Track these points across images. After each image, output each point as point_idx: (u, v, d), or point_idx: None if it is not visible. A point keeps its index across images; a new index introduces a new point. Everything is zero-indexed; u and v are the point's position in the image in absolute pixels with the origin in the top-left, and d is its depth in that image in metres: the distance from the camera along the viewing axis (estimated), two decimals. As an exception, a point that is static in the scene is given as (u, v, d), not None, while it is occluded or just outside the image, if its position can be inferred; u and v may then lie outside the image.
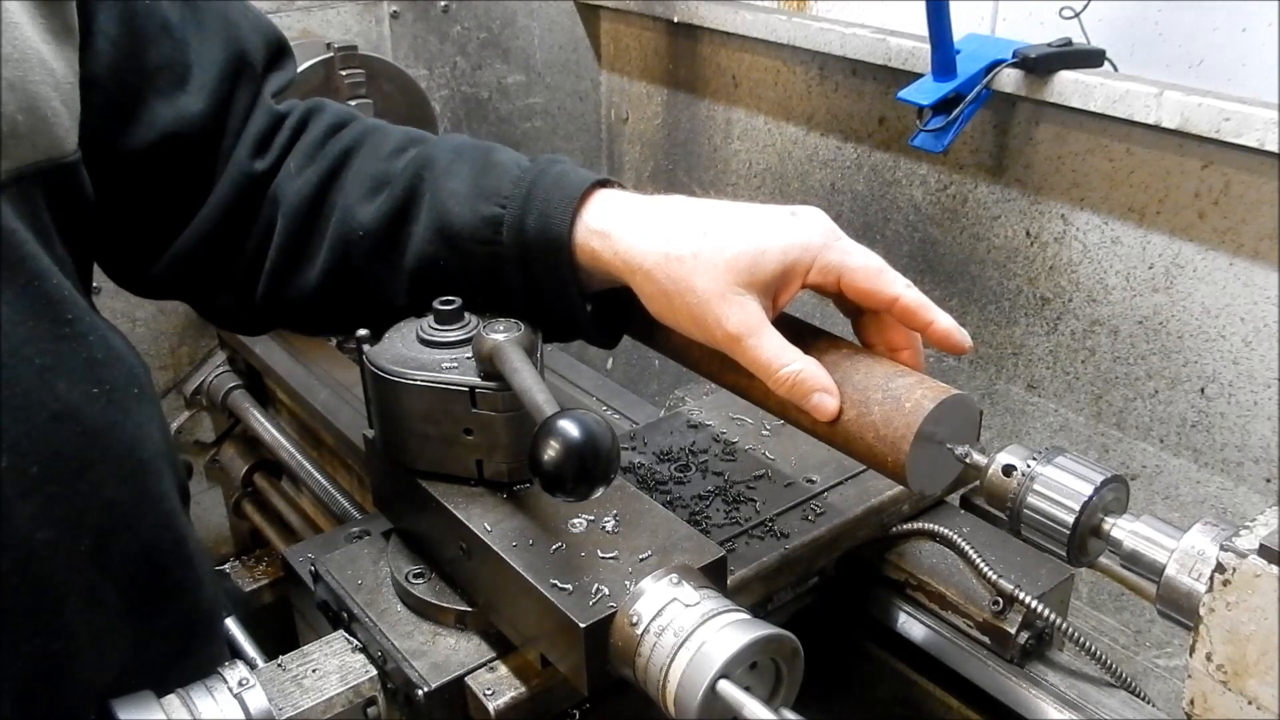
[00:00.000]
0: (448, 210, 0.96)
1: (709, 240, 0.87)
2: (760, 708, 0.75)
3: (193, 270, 1.02)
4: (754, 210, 0.90)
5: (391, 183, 0.99)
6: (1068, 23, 1.81)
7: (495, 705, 0.90)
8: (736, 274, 0.86)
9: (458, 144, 1.02)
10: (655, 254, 0.88)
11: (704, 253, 0.86)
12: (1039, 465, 0.87)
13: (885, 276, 0.88)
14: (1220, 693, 0.73)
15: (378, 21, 1.97)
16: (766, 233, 0.87)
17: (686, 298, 0.87)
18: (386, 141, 1.03)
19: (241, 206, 1.00)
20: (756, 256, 0.86)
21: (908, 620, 1.11)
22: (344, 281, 1.02)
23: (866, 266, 0.88)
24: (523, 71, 2.21)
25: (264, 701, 0.87)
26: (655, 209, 0.92)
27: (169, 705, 0.84)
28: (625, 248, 0.89)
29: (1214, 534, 0.78)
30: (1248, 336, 1.43)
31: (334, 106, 1.08)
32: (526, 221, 0.93)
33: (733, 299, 0.86)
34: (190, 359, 1.94)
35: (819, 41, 1.82)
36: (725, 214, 0.90)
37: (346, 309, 1.05)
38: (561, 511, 0.94)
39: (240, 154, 0.99)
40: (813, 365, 0.87)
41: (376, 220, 0.99)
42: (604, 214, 0.92)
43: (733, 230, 0.87)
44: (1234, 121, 1.35)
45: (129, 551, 0.86)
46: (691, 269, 0.86)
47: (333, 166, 1.01)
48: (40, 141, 0.80)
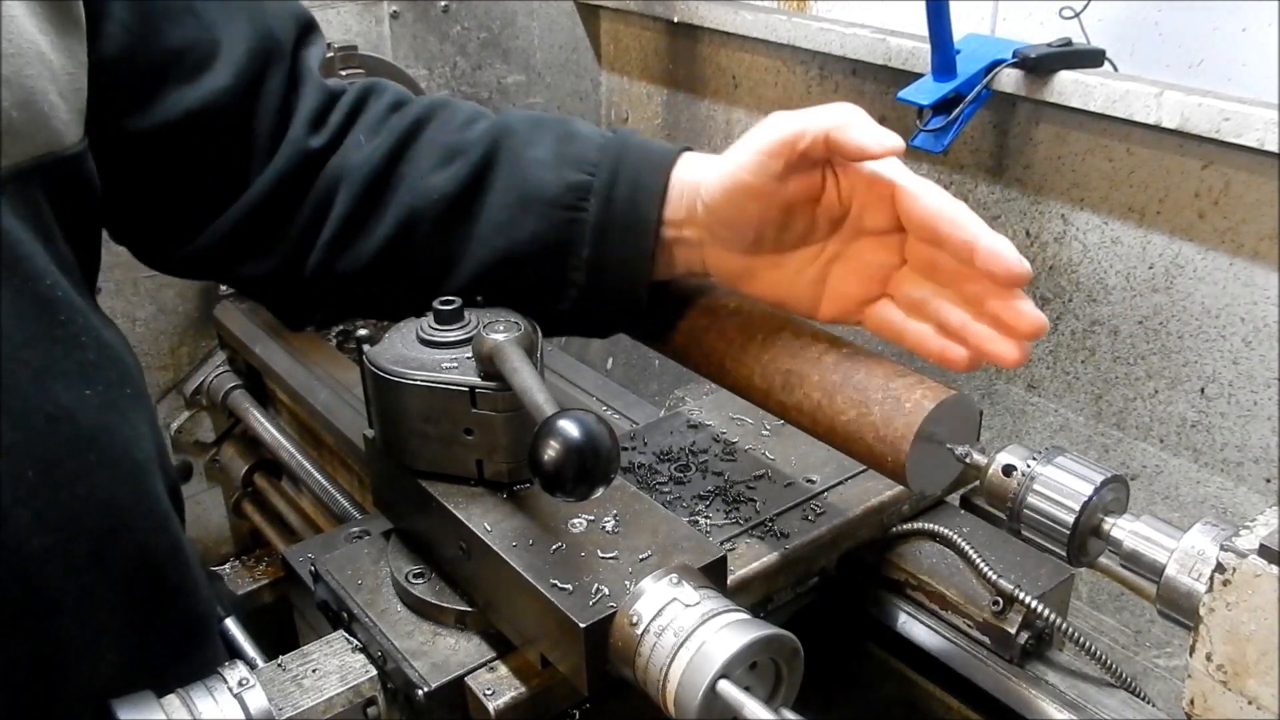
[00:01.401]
0: (531, 176, 0.95)
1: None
2: (760, 708, 0.75)
3: (236, 246, 1.01)
4: None
5: (467, 151, 0.98)
6: (1068, 23, 1.81)
7: (495, 705, 0.90)
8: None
9: (534, 115, 1.02)
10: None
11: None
12: (1039, 465, 0.87)
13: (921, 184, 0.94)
14: (1220, 693, 0.73)
15: (378, 21, 1.97)
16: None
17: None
18: (458, 114, 1.03)
19: (295, 182, 0.99)
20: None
21: (908, 620, 1.11)
22: (403, 255, 1.00)
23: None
24: (523, 71, 2.21)
25: (264, 701, 0.87)
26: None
27: (169, 705, 0.84)
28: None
29: (1214, 534, 0.78)
30: (1248, 336, 1.43)
31: (394, 86, 1.07)
32: (616, 190, 0.94)
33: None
34: (190, 359, 1.94)
35: (819, 41, 1.82)
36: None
37: (398, 287, 1.03)
38: (561, 511, 0.94)
39: (296, 131, 0.98)
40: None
41: (451, 186, 0.97)
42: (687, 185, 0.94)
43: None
44: (1234, 121, 1.35)
45: (125, 555, 0.86)
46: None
47: (402, 138, 1.00)
48: (38, 136, 0.80)
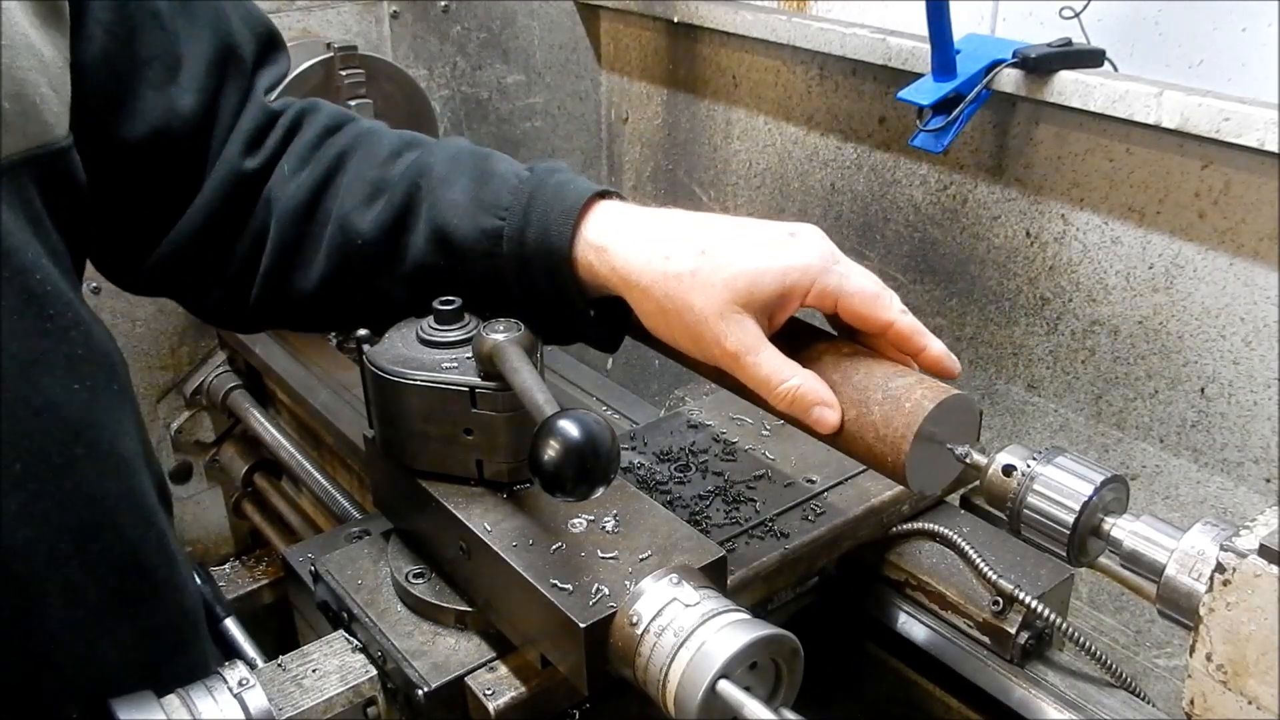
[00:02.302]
0: (447, 222, 0.96)
1: (707, 259, 0.87)
2: (760, 708, 0.75)
3: (183, 267, 1.01)
4: (753, 228, 0.90)
5: (389, 190, 0.99)
6: (1068, 23, 1.80)
7: (495, 705, 0.90)
8: (734, 294, 0.86)
9: (455, 151, 1.01)
10: (653, 271, 0.88)
11: (702, 272, 0.86)
12: (1039, 465, 0.87)
13: (881, 301, 0.89)
14: (1220, 693, 0.73)
15: (378, 21, 1.96)
16: (765, 254, 0.87)
17: (684, 316, 0.87)
18: (382, 146, 1.02)
19: (232, 204, 1.00)
20: (755, 277, 0.86)
21: (908, 620, 1.11)
22: (344, 285, 1.02)
23: (863, 291, 0.89)
24: (523, 71, 2.21)
25: (264, 701, 0.87)
26: (654, 223, 0.92)
27: (169, 705, 0.84)
28: (623, 263, 0.90)
29: (1214, 534, 0.78)
30: (1248, 336, 1.43)
31: (329, 107, 1.08)
32: (526, 234, 0.93)
33: (731, 318, 0.86)
34: (190, 359, 1.94)
35: (819, 41, 1.82)
36: (724, 232, 0.90)
37: (345, 310, 1.05)
38: (561, 511, 0.94)
39: (231, 151, 0.99)
40: (811, 379, 0.87)
41: (375, 229, 0.99)
42: (603, 228, 0.92)
43: (731, 250, 0.87)
44: (1234, 121, 1.34)
45: (112, 549, 0.86)
46: (689, 288, 0.87)
47: (328, 171, 1.01)
48: (30, 129, 0.80)
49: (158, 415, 1.95)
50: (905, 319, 0.89)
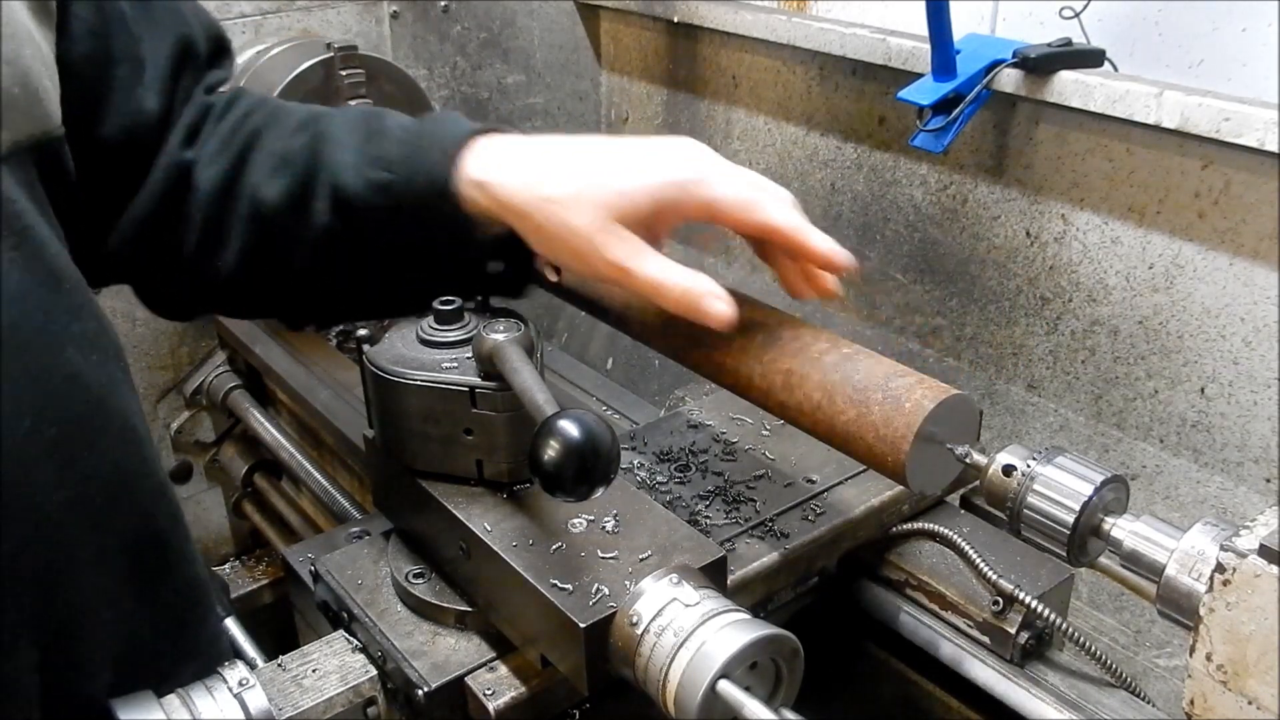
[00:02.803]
0: (343, 183, 0.98)
1: (584, 180, 0.91)
2: (760, 708, 0.75)
3: (131, 258, 1.03)
4: (627, 147, 0.94)
5: (292, 160, 1.00)
6: (1068, 23, 1.80)
7: (495, 705, 0.90)
8: (612, 211, 0.90)
9: (351, 115, 1.03)
10: (533, 197, 0.91)
11: (581, 193, 0.90)
12: (1039, 465, 0.87)
13: (756, 206, 0.91)
14: (1220, 693, 0.73)
15: (378, 21, 1.96)
16: (639, 172, 0.91)
17: (567, 237, 0.91)
18: (290, 119, 1.04)
19: (171, 195, 1.01)
20: (630, 194, 0.90)
21: (908, 620, 1.11)
22: (260, 260, 1.02)
23: (736, 198, 0.92)
24: (523, 71, 2.21)
25: (264, 701, 0.87)
26: (531, 152, 0.95)
27: (169, 705, 0.84)
28: (504, 194, 0.93)
29: (1214, 534, 0.78)
30: (1248, 336, 1.43)
31: (253, 93, 1.09)
32: (415, 183, 0.95)
33: (611, 232, 0.90)
34: (190, 359, 1.94)
35: (819, 41, 1.82)
36: (599, 153, 0.94)
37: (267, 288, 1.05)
38: (561, 511, 0.94)
39: (172, 143, 1.00)
40: (700, 276, 0.91)
41: (280, 198, 1.00)
42: (483, 164, 0.94)
43: (606, 170, 0.91)
44: (1234, 121, 1.35)
45: (132, 519, 0.88)
46: (569, 209, 0.90)
47: (242, 150, 1.02)
48: (36, 115, 0.82)
49: (158, 415, 1.95)
50: (783, 220, 0.92)
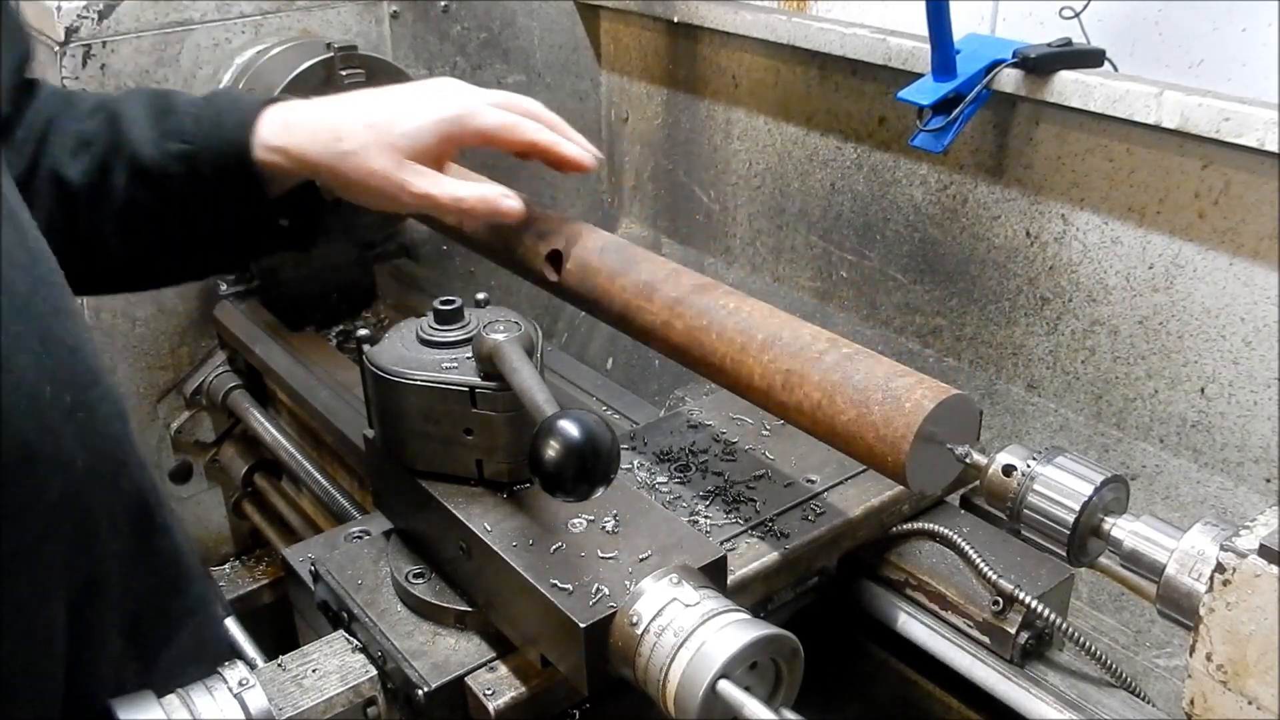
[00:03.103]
0: (145, 157, 1.06)
1: (374, 130, 1.08)
2: (760, 708, 0.75)
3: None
4: (403, 96, 1.13)
5: (91, 140, 1.08)
6: (1068, 23, 1.81)
7: (495, 705, 0.90)
8: (404, 151, 1.08)
9: (140, 95, 1.13)
10: (331, 153, 1.07)
11: (373, 142, 1.07)
12: (1039, 465, 0.87)
13: (518, 128, 1.11)
14: (1220, 693, 0.73)
15: (378, 21, 1.96)
16: (419, 114, 1.09)
17: (370, 181, 1.08)
18: (83, 105, 1.12)
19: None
20: (417, 135, 1.08)
21: (908, 620, 1.11)
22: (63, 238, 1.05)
23: (501, 124, 1.11)
24: (523, 71, 2.21)
25: (264, 701, 0.87)
26: (319, 114, 1.10)
27: (169, 705, 0.84)
28: (303, 155, 1.08)
29: (1214, 534, 0.78)
30: (1248, 336, 1.43)
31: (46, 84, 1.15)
32: (214, 151, 1.07)
33: (407, 169, 1.08)
34: (190, 359, 1.94)
35: (819, 41, 1.82)
36: (381, 103, 1.11)
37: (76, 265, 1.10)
38: (561, 511, 0.94)
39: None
40: (490, 184, 1.13)
41: (82, 176, 1.07)
42: (276, 132, 1.08)
43: (391, 117, 1.09)
44: (1234, 121, 1.34)
45: (129, 485, 0.91)
46: (367, 157, 1.07)
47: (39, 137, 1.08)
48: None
49: (158, 415, 1.95)
50: (543, 136, 1.12)
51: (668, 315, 1.05)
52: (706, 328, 1.02)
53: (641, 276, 1.09)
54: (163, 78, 1.74)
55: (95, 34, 1.68)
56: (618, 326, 1.13)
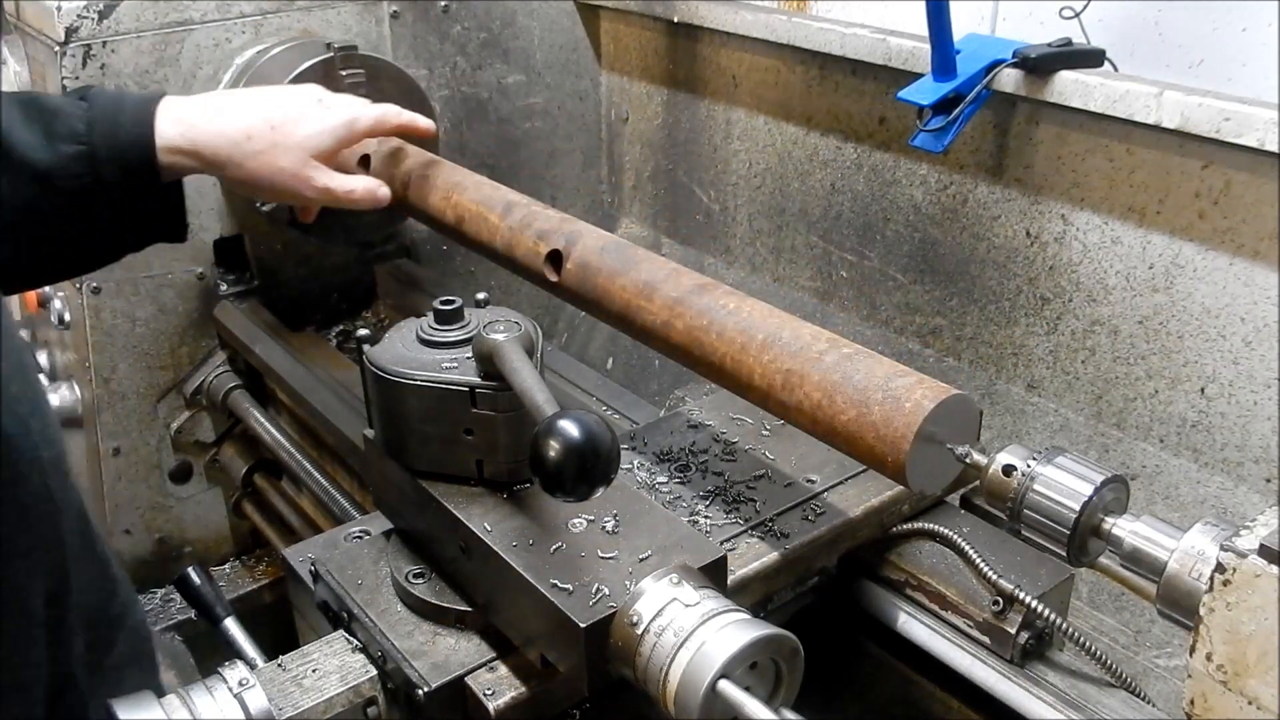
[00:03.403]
0: (33, 161, 1.08)
1: (278, 132, 1.22)
2: (760, 708, 0.75)
3: None
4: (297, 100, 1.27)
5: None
6: (1068, 23, 1.81)
7: (495, 705, 0.90)
8: (308, 151, 1.24)
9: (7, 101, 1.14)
10: (241, 152, 1.19)
11: (279, 143, 1.22)
12: (1039, 465, 0.87)
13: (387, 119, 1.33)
14: (1220, 693, 0.73)
15: (378, 21, 1.96)
16: (317, 121, 1.26)
17: (276, 177, 1.22)
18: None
19: None
20: (318, 139, 1.25)
21: (908, 620, 1.11)
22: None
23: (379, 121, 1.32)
24: (523, 71, 2.21)
25: (264, 701, 0.87)
26: (221, 114, 1.20)
27: (169, 705, 0.84)
28: (213, 154, 1.18)
29: (1214, 534, 0.78)
30: (1248, 336, 1.43)
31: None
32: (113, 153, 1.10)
33: (310, 167, 1.24)
34: (190, 359, 1.94)
35: (819, 41, 1.82)
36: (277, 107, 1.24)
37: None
38: (561, 511, 0.94)
39: None
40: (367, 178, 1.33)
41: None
42: (183, 132, 1.16)
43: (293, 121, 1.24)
44: (1234, 121, 1.34)
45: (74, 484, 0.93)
46: (274, 156, 1.21)
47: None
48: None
49: (158, 415, 1.95)
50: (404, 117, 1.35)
51: (668, 315, 1.05)
52: (706, 328, 1.02)
53: (641, 276, 1.09)
54: (163, 78, 1.74)
55: (95, 34, 1.68)
56: (618, 326, 1.13)
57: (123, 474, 1.94)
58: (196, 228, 1.83)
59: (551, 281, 1.19)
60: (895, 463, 0.86)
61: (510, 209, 1.30)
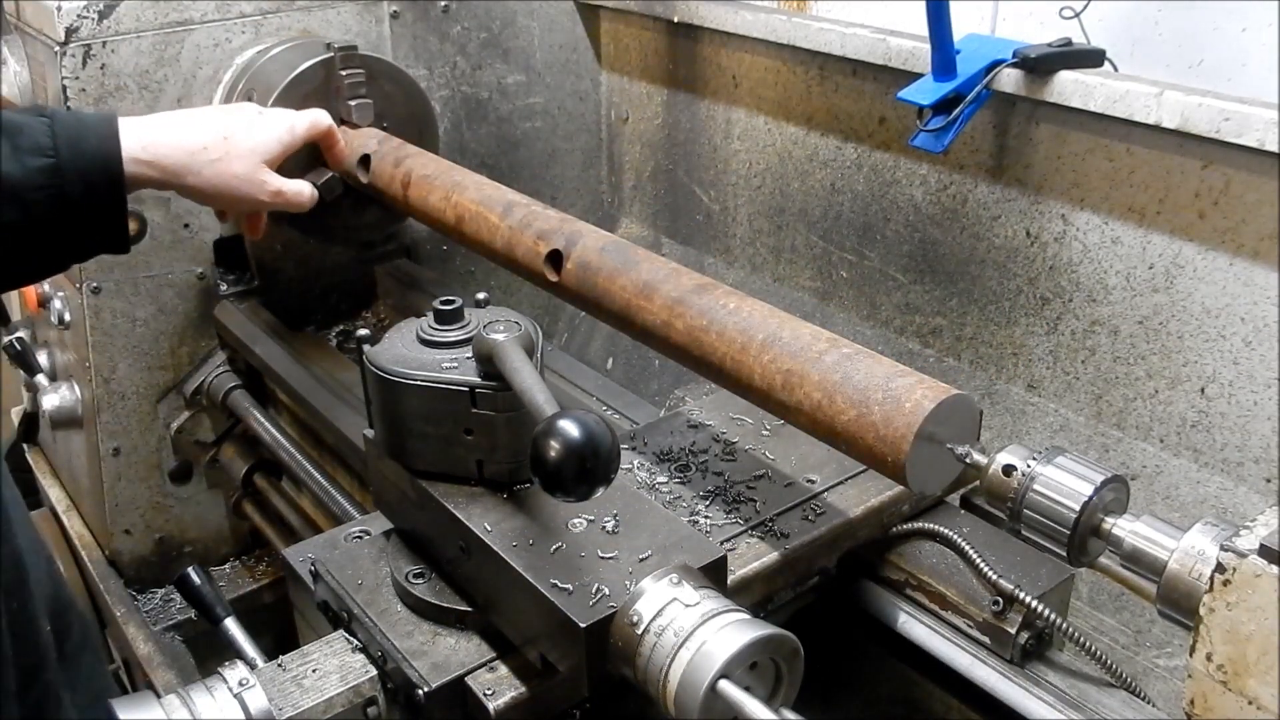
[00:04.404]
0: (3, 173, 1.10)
1: (231, 143, 1.33)
2: (760, 708, 0.75)
3: None
4: (244, 114, 1.38)
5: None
6: (1068, 23, 1.81)
7: (495, 705, 0.90)
8: (259, 158, 1.35)
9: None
10: (198, 163, 1.29)
11: (231, 152, 1.32)
12: (1039, 465, 0.87)
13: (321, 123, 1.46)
14: (1220, 693, 0.73)
15: (378, 21, 1.96)
16: (264, 131, 1.37)
17: (232, 184, 1.33)
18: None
19: None
20: (267, 148, 1.36)
21: (908, 620, 1.11)
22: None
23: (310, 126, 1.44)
24: (523, 71, 2.21)
25: (264, 701, 0.87)
26: (178, 130, 1.29)
27: (169, 705, 0.84)
28: (174, 167, 1.27)
29: (1214, 534, 0.78)
30: (1248, 336, 1.43)
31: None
32: (78, 167, 1.14)
33: (261, 173, 1.36)
34: (190, 359, 1.94)
35: (819, 41, 1.82)
36: (227, 121, 1.34)
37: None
38: (561, 511, 0.94)
39: None
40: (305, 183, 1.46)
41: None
42: (145, 147, 1.23)
43: (243, 133, 1.34)
44: (1234, 121, 1.34)
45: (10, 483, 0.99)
46: (229, 164, 1.32)
47: None
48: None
49: (158, 415, 1.95)
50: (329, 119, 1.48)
51: (668, 315, 1.05)
52: (706, 328, 1.02)
53: (641, 276, 1.09)
54: (163, 78, 1.74)
55: (95, 34, 1.68)
56: (618, 326, 1.13)
57: (123, 474, 1.94)
58: (197, 227, 1.84)
59: (551, 281, 1.19)
60: (895, 463, 0.86)
61: (510, 209, 1.30)
